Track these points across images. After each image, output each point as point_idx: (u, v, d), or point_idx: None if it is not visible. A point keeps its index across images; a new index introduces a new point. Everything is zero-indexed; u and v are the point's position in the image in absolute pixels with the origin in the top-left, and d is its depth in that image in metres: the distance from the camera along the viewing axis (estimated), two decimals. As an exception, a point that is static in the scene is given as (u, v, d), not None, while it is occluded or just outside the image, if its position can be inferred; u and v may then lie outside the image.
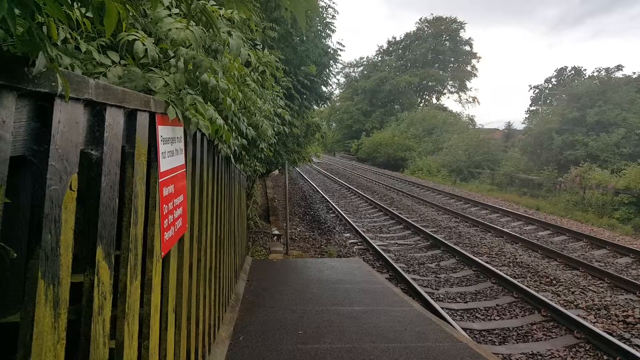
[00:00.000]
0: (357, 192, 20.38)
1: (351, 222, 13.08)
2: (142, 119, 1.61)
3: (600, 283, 7.69)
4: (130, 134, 1.52)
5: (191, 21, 2.05)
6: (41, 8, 0.93)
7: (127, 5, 1.41)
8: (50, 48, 0.90)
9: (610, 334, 5.50)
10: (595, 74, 32.70)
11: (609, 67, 32.71)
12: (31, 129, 0.95)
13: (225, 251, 4.39)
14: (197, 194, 2.73)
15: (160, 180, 1.78)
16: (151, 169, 1.74)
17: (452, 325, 5.47)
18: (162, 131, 1.83)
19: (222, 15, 2.48)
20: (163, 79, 1.89)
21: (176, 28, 1.93)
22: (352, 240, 11.29)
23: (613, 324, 5.94)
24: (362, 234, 11.50)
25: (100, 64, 1.73)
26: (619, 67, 32.25)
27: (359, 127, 55.06)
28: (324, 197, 19.18)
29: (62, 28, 1.52)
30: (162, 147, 1.81)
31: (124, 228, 1.51)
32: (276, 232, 11.54)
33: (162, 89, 1.88)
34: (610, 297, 6.97)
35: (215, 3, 2.26)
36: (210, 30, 2.27)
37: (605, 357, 5.01)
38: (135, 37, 1.80)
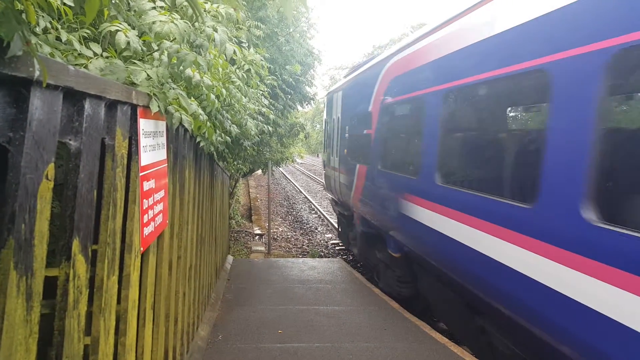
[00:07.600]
0: (340, 194, 20.38)
1: (333, 223, 13.08)
2: (124, 111, 1.58)
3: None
4: (110, 125, 1.49)
5: (176, 14, 2.02)
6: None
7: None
8: (27, 31, 0.87)
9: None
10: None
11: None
12: (7, 114, 0.92)
13: (206, 249, 4.35)
14: (179, 190, 2.70)
15: (140, 174, 1.75)
16: (132, 163, 1.71)
17: (430, 326, 5.52)
18: (144, 124, 1.80)
19: (207, 10, 2.45)
20: (145, 72, 1.86)
21: (160, 21, 1.90)
22: (333, 241, 11.30)
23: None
24: (344, 235, 11.52)
25: (81, 55, 1.69)
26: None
27: (343, 129, 55.27)
28: (306, 197, 19.15)
29: (43, 17, 1.48)
30: (143, 141, 1.78)
31: (102, 222, 1.48)
32: (258, 231, 11.48)
33: (144, 82, 1.84)
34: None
35: (200, -3, 2.23)
36: (195, 24, 2.25)
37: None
38: (117, 28, 1.77)
